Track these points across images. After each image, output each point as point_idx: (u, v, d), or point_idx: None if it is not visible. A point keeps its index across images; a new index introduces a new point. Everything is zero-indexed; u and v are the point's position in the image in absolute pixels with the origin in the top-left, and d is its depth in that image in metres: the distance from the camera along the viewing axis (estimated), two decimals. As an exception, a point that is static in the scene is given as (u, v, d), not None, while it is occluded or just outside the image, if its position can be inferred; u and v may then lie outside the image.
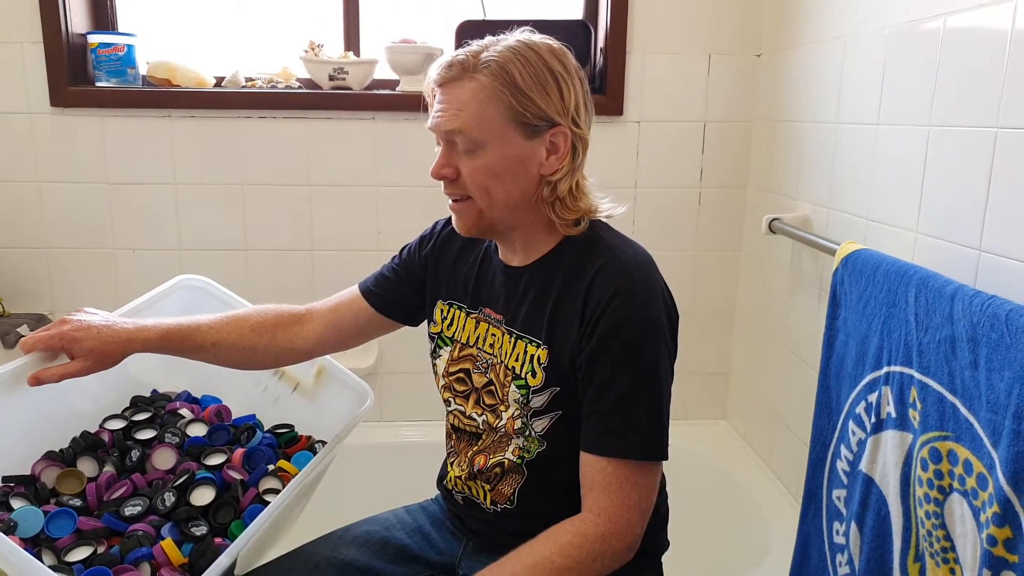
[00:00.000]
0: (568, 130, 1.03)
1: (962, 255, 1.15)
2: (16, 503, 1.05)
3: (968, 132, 1.15)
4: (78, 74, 1.97)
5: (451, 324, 1.17)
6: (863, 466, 1.21)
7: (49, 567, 0.92)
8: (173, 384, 1.39)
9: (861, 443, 1.23)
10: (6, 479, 1.10)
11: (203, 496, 1.11)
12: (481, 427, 1.13)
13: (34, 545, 1.02)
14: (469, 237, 1.16)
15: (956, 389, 1.00)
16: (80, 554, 1.00)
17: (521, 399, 1.07)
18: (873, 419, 1.20)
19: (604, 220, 1.11)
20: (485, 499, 1.15)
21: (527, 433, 1.08)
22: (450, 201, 1.08)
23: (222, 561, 0.99)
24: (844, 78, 1.55)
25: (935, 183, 1.24)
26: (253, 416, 1.33)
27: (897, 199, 1.34)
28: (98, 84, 1.96)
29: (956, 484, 1.00)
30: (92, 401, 1.26)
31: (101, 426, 1.24)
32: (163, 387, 1.38)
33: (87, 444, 1.20)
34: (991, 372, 0.93)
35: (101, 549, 1.01)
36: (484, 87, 0.99)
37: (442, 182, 1.06)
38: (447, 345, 1.18)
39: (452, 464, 1.20)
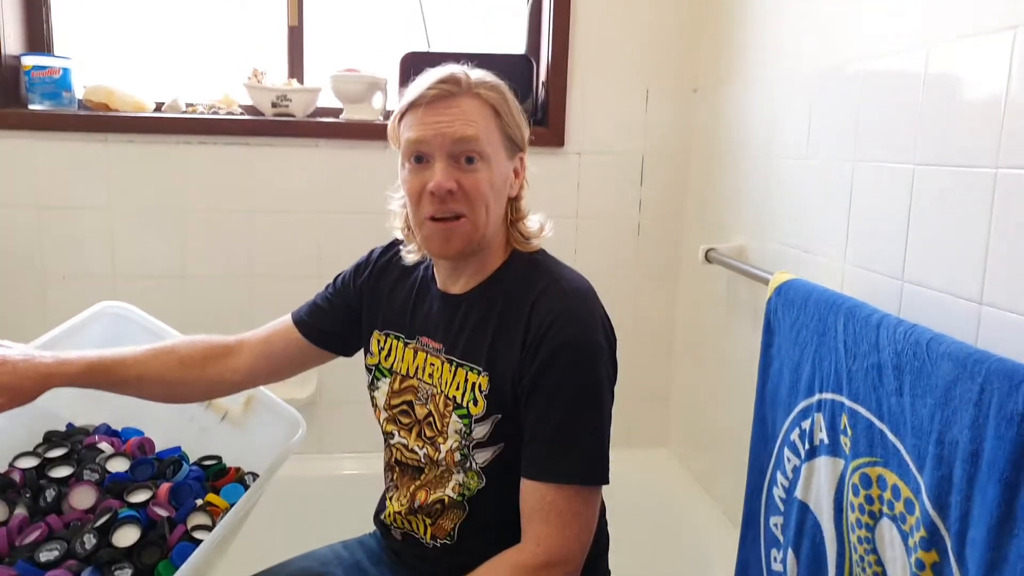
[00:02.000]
0: (525, 156, 1.11)
1: (886, 285, 1.19)
2: None
3: (889, 167, 1.20)
4: (10, 96, 1.91)
5: (388, 355, 1.16)
6: (798, 493, 1.23)
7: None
8: (90, 416, 1.32)
9: (796, 469, 1.25)
10: None
11: (127, 536, 1.06)
12: (423, 460, 1.12)
13: None
14: (404, 264, 1.17)
15: (883, 415, 1.03)
16: None
17: (463, 429, 1.06)
18: (807, 446, 1.22)
19: (542, 249, 1.13)
20: (425, 534, 1.13)
21: (467, 466, 1.07)
22: (435, 222, 1.02)
23: None
24: (775, 114, 1.61)
25: (860, 215, 1.28)
26: (178, 448, 1.29)
27: (826, 230, 1.39)
28: (31, 107, 1.90)
29: (886, 509, 1.03)
30: (-1, 437, 1.19)
31: (11, 465, 1.18)
32: (79, 420, 1.32)
33: None
34: (915, 398, 0.96)
35: (12, 600, 0.96)
36: (486, 103, 1.04)
37: (426, 201, 1.02)
38: (385, 376, 1.17)
39: (391, 499, 1.18)
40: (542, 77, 2.07)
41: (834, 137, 1.37)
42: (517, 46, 2.14)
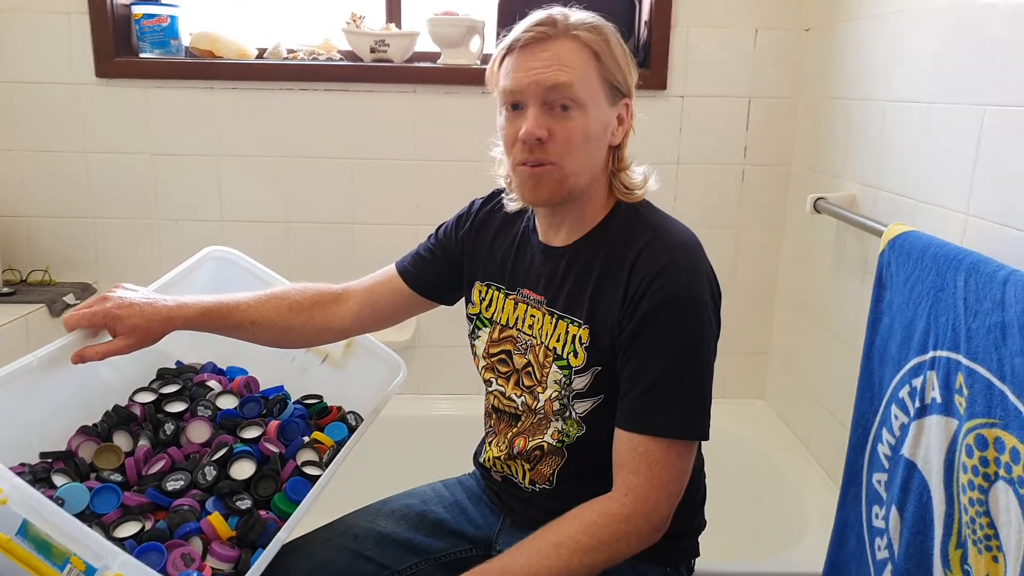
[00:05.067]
0: (631, 102, 1.06)
1: (1016, 239, 1.12)
2: (58, 479, 1.05)
3: (1027, 111, 1.11)
4: (122, 45, 1.99)
5: (489, 305, 1.17)
6: (905, 451, 1.19)
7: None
8: (197, 355, 1.38)
9: (904, 427, 1.21)
10: (44, 455, 1.10)
11: (243, 470, 1.11)
12: (520, 408, 1.14)
13: (81, 521, 1.03)
14: (508, 214, 1.16)
15: (1005, 376, 0.98)
16: (128, 530, 1.00)
17: (563, 380, 1.07)
18: (917, 404, 1.18)
19: (647, 200, 1.11)
20: (524, 478, 1.15)
21: (567, 415, 1.08)
22: (525, 167, 1.02)
23: (280, 536, 1.01)
24: (896, 54, 1.51)
25: (988, 164, 1.20)
26: (281, 387, 1.33)
27: (948, 180, 1.31)
28: (142, 55, 1.98)
29: (1002, 472, 0.98)
30: (119, 374, 1.24)
31: (131, 399, 1.23)
32: (187, 358, 1.38)
33: (120, 418, 1.18)
34: (1044, 360, 0.91)
35: (148, 524, 1.02)
36: (585, 46, 1.00)
37: (518, 147, 1.01)
38: (486, 326, 1.18)
39: (491, 444, 1.21)
40: (645, 16, 2.00)
41: (964, 79, 1.27)
42: (618, -16, 2.07)
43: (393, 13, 2.08)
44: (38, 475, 1.05)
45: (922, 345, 1.18)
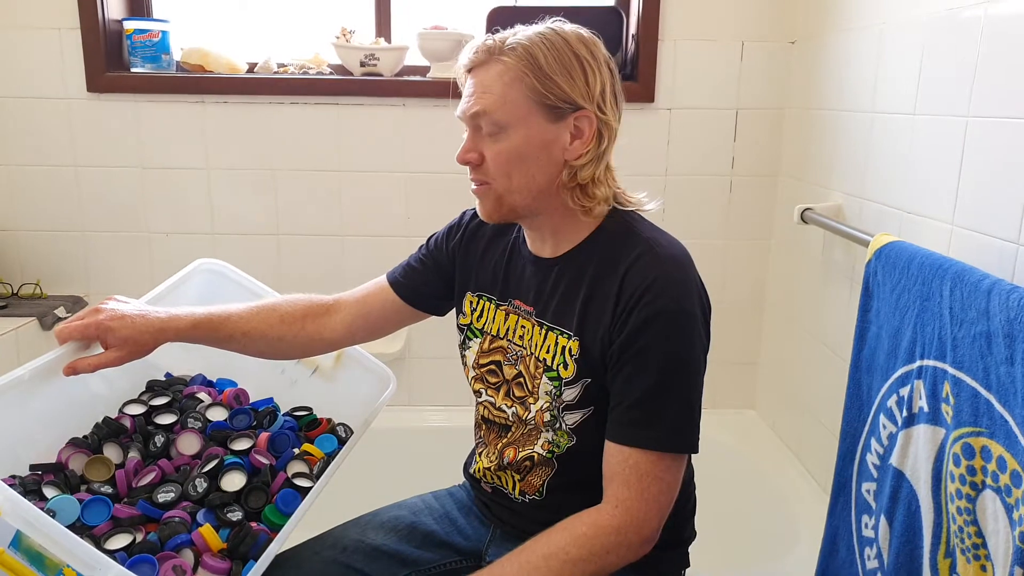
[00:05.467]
0: (593, 115, 1.02)
1: (999, 249, 1.13)
2: (49, 492, 1.04)
3: (1008, 123, 1.12)
4: (113, 60, 2.00)
5: (480, 316, 1.18)
6: (894, 460, 1.20)
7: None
8: (186, 367, 1.38)
9: (892, 437, 1.22)
10: (34, 467, 1.10)
11: (234, 482, 1.11)
12: (511, 419, 1.14)
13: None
14: (499, 225, 1.16)
15: (991, 385, 0.99)
16: (119, 542, 1.00)
17: (553, 391, 1.07)
18: (905, 413, 1.18)
19: (639, 213, 1.10)
20: (514, 489, 1.16)
21: (557, 426, 1.08)
22: (473, 186, 1.08)
23: (272, 548, 1.02)
24: (880, 66, 1.53)
25: (973, 175, 1.22)
26: (271, 399, 1.33)
27: (933, 191, 1.32)
28: (133, 70, 1.98)
29: (989, 480, 0.99)
30: (108, 386, 1.24)
31: (121, 411, 1.23)
32: (176, 370, 1.37)
33: (110, 430, 1.18)
34: (1028, 369, 0.92)
35: (139, 536, 1.02)
36: (508, 69, 1.00)
37: (468, 168, 1.07)
38: (476, 337, 1.18)
39: (480, 455, 1.21)
40: (632, 30, 2.02)
41: (947, 90, 1.29)
42: (606, -2, 2.09)
43: (383, 27, 2.10)
44: (28, 487, 1.04)
45: (909, 354, 1.19)
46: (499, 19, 1.85)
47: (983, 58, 1.19)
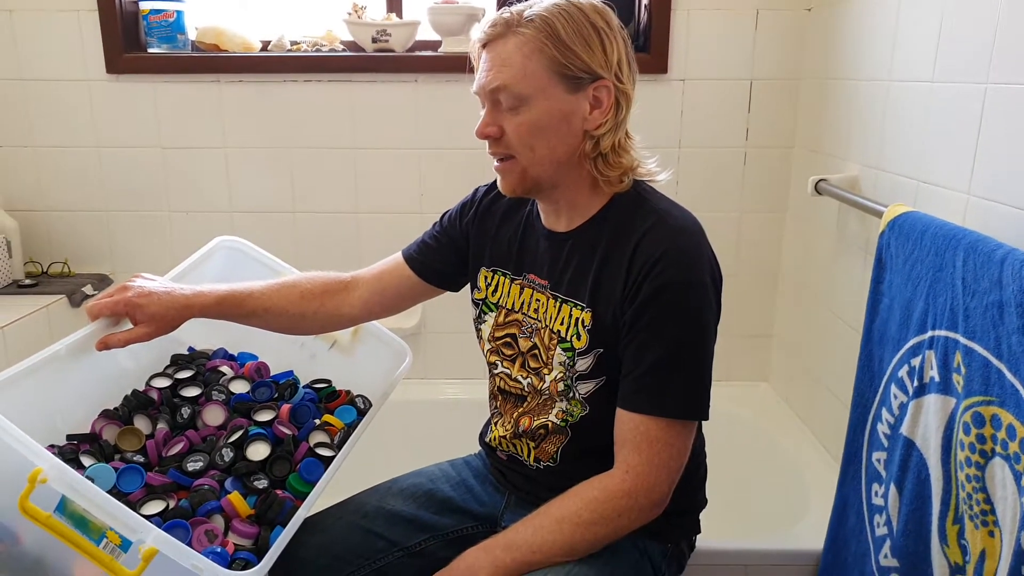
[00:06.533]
0: (611, 84, 1.03)
1: (1016, 218, 1.13)
2: (86, 460, 1.09)
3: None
4: (131, 41, 2.01)
5: (495, 290, 1.20)
6: (904, 429, 1.21)
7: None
8: (208, 341, 1.41)
9: (903, 406, 1.22)
10: (70, 437, 1.15)
11: (258, 451, 1.15)
12: (526, 389, 1.16)
13: None
14: (512, 201, 1.18)
15: (1002, 354, 0.99)
16: (153, 508, 1.04)
17: (567, 362, 1.09)
18: (916, 383, 1.19)
19: (650, 184, 1.12)
20: (529, 456, 1.18)
21: (571, 396, 1.11)
22: (495, 162, 1.08)
23: (300, 514, 1.06)
24: (898, 33, 1.51)
25: (990, 143, 1.21)
26: (291, 372, 1.36)
27: (950, 160, 1.31)
28: (150, 50, 2.00)
29: (999, 448, 1.00)
30: (135, 360, 1.28)
31: (148, 384, 1.28)
32: (199, 345, 1.41)
33: (139, 403, 1.22)
34: (1039, 338, 0.92)
35: (172, 503, 1.06)
36: (527, 40, 1.00)
37: (487, 142, 1.07)
38: (492, 311, 1.20)
39: (496, 424, 1.23)
40: (644, 0, 2.00)
41: (965, 58, 1.27)
42: (618, -31, 2.07)
43: (394, 3, 2.09)
44: (67, 456, 1.09)
45: (921, 325, 1.19)
46: (511, -7, 1.85)
47: (1003, 22, 1.18)
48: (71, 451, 1.11)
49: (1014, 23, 1.15)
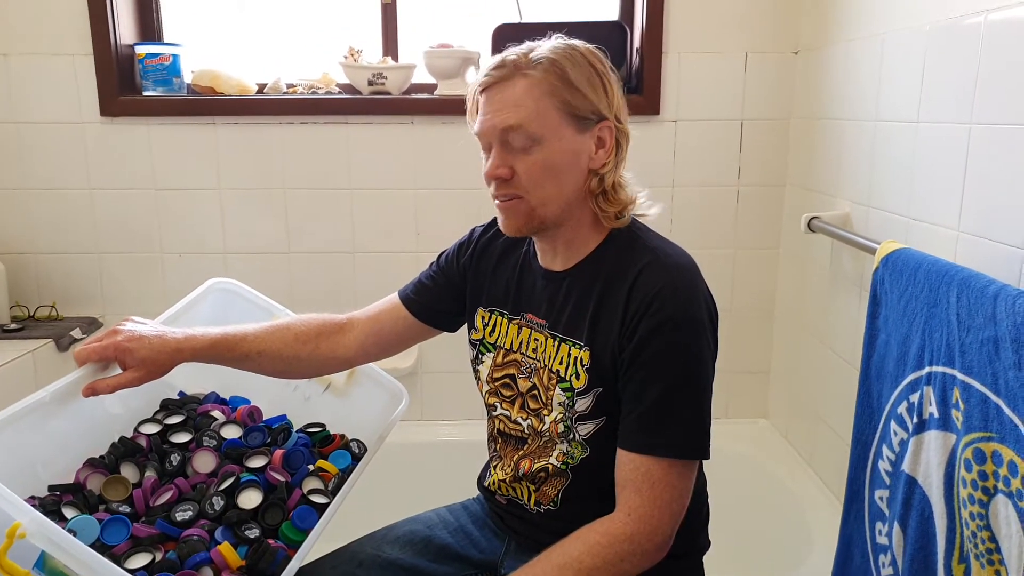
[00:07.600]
0: (613, 124, 1.06)
1: (1005, 254, 1.14)
2: (68, 512, 1.05)
3: (1011, 129, 1.13)
4: (126, 84, 2.03)
5: (493, 331, 1.19)
6: (906, 466, 1.20)
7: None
8: (199, 385, 1.39)
9: (903, 443, 1.22)
10: (52, 488, 1.11)
11: (250, 499, 1.12)
12: (526, 431, 1.15)
13: None
14: (509, 241, 1.18)
15: (1000, 390, 0.99)
16: (139, 561, 1.00)
17: (566, 402, 1.08)
18: (915, 419, 1.19)
19: (643, 222, 1.13)
20: (529, 500, 1.16)
21: (571, 437, 1.09)
22: (497, 202, 1.08)
23: (293, 565, 1.03)
24: (883, 75, 1.54)
25: (977, 181, 1.22)
26: (284, 416, 1.34)
27: (938, 197, 1.33)
28: (145, 93, 2.02)
29: (1001, 485, 0.99)
30: (123, 406, 1.26)
31: (136, 431, 1.25)
32: (189, 389, 1.38)
33: (126, 450, 1.19)
34: (1036, 373, 0.92)
35: (158, 555, 1.02)
36: (538, 82, 1.01)
37: (491, 184, 1.06)
38: (490, 351, 1.20)
39: (495, 468, 1.22)
40: (636, 43, 2.04)
41: (949, 98, 1.30)
42: (610, 13, 2.11)
43: (390, 46, 2.12)
44: (48, 508, 1.05)
45: (918, 361, 1.19)
46: (505, 36, 1.87)
47: (984, 65, 1.20)
48: (52, 503, 1.07)
49: (995, 65, 1.18)
